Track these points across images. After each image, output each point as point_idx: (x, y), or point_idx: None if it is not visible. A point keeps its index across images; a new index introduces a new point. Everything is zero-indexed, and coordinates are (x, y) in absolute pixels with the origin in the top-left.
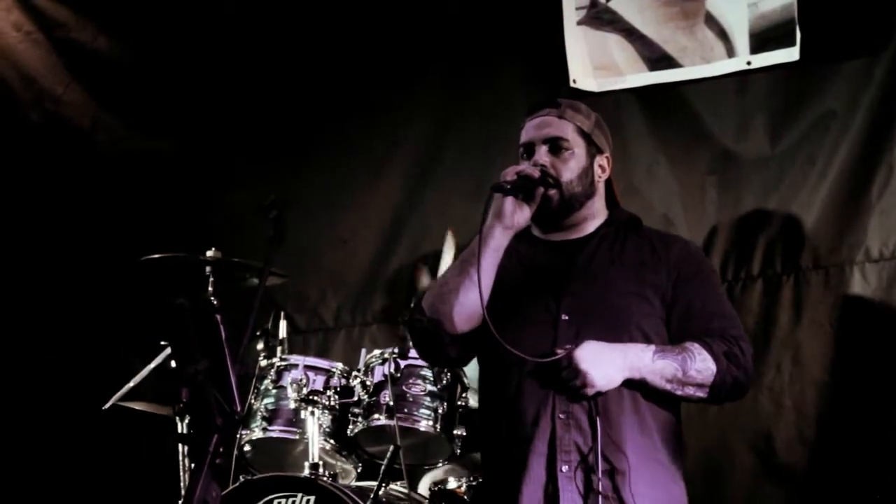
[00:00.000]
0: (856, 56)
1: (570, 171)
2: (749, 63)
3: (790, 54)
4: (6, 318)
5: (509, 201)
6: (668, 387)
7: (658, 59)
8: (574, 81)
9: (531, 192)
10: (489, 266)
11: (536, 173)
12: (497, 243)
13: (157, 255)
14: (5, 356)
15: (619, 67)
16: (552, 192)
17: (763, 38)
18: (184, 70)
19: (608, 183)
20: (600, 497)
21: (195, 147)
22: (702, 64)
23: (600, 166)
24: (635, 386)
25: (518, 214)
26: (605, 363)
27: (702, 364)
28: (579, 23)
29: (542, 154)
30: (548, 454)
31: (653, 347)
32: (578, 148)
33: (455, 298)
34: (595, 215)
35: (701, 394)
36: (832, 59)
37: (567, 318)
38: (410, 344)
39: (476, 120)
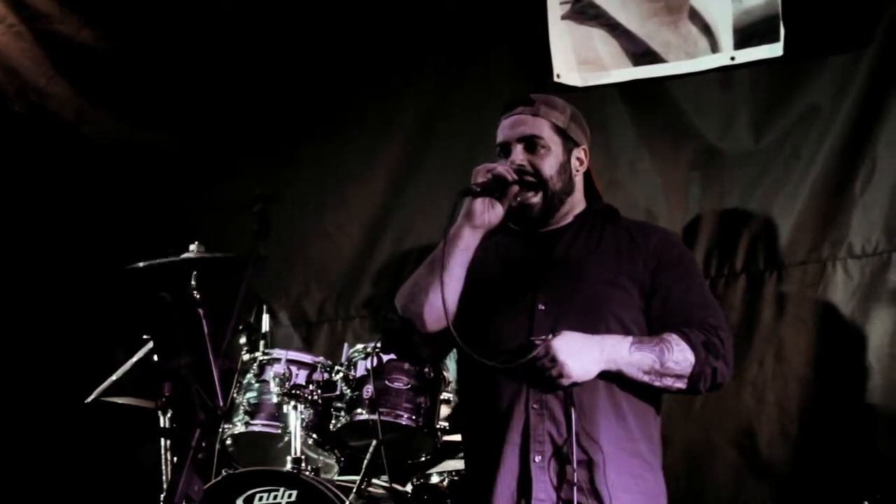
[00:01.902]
0: (839, 51)
1: (549, 167)
2: (733, 58)
3: (774, 50)
4: None
5: (479, 201)
6: (646, 378)
7: (642, 54)
8: (558, 76)
9: (504, 191)
10: (458, 266)
11: (510, 175)
12: (466, 243)
13: (141, 264)
14: None
15: (603, 62)
16: (534, 199)
17: (747, 34)
18: (169, 62)
19: (587, 175)
20: (574, 487)
21: (181, 139)
22: (686, 59)
23: (578, 159)
24: (612, 377)
25: (489, 213)
26: (581, 354)
27: (680, 355)
28: (564, 17)
29: (518, 153)
30: (521, 444)
31: (630, 339)
32: (554, 145)
33: (425, 298)
34: (574, 209)
35: (680, 385)
36: (816, 55)
37: (544, 307)
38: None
39: (462, 115)
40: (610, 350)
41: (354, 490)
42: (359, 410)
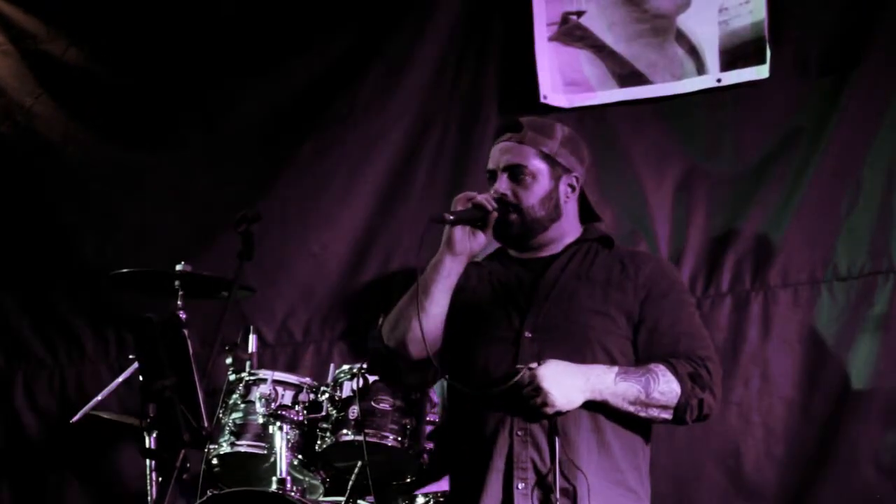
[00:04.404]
0: (825, 74)
1: (532, 196)
2: (719, 80)
3: (760, 72)
4: None
5: (458, 229)
6: (631, 409)
7: (628, 75)
8: (545, 97)
9: (485, 220)
10: (441, 293)
11: (490, 204)
12: (447, 271)
13: (125, 270)
14: None
15: (589, 83)
16: (513, 216)
17: (733, 56)
18: (156, 81)
19: (582, 199)
20: None
21: (166, 160)
22: (672, 81)
23: (569, 186)
24: (597, 407)
25: (471, 241)
26: (566, 383)
27: (665, 386)
28: (550, 39)
29: (503, 182)
30: (504, 471)
31: (616, 369)
32: (540, 173)
33: (408, 326)
34: (564, 235)
35: (665, 415)
36: (802, 77)
37: (530, 335)
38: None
39: (449, 134)
40: (595, 380)
41: None
42: (344, 431)
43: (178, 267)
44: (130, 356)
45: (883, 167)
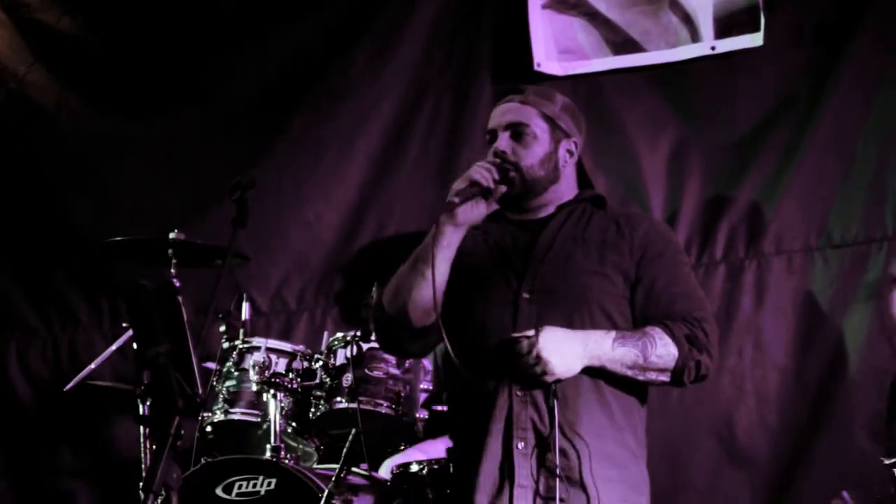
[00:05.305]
0: (820, 42)
1: (532, 155)
2: (713, 48)
3: (754, 40)
4: None
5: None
6: (630, 373)
7: (622, 43)
8: (538, 65)
9: (488, 192)
10: (441, 262)
11: (485, 180)
12: (448, 241)
13: (119, 239)
14: None
15: (583, 51)
16: (512, 174)
17: (727, 23)
18: (148, 51)
19: (579, 166)
20: (557, 476)
21: (159, 128)
22: (666, 48)
23: (567, 151)
24: (596, 371)
25: (473, 211)
26: (564, 351)
27: (663, 349)
28: (544, 6)
29: (504, 140)
30: (504, 431)
31: (613, 334)
32: (541, 132)
33: (409, 295)
34: (561, 198)
35: (663, 378)
36: (796, 45)
37: (528, 297)
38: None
39: (442, 104)
40: (593, 346)
41: (333, 478)
42: (338, 399)
43: (172, 235)
44: (124, 324)
45: (878, 137)
